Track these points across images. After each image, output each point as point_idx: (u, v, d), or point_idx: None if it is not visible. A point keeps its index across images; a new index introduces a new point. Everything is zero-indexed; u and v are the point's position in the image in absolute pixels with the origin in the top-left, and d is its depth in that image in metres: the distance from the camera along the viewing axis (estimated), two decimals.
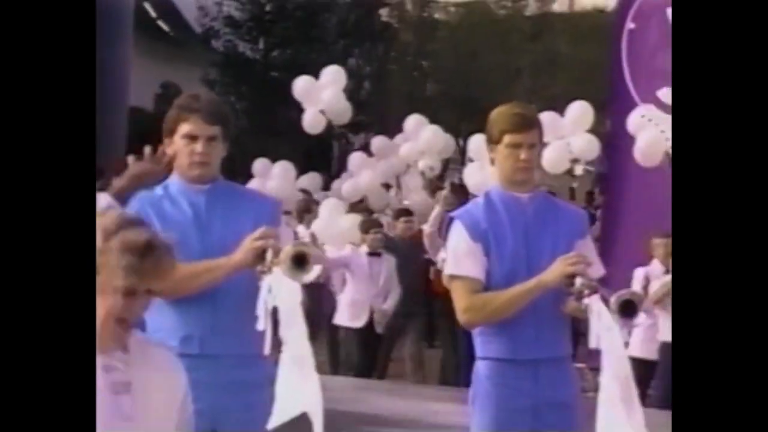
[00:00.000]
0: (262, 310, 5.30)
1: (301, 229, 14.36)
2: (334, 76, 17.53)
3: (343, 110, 17.59)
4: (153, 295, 3.86)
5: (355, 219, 15.46)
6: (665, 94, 11.96)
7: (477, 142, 15.37)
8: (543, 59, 37.47)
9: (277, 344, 5.37)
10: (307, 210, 15.37)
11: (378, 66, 35.82)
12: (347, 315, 13.68)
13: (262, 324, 5.30)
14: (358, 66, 34.60)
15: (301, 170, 18.50)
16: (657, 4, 12.26)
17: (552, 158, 14.16)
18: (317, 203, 15.88)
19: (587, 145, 14.18)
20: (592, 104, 14.95)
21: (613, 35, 14.44)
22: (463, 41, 38.07)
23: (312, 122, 17.38)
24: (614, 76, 14.38)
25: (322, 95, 17.24)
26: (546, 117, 13.11)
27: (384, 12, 37.06)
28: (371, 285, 13.53)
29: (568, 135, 13.73)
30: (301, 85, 17.37)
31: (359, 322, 13.54)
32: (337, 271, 14.25)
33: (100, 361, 3.79)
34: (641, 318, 5.45)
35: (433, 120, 18.33)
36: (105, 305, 3.77)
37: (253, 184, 16.02)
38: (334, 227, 15.21)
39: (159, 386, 3.93)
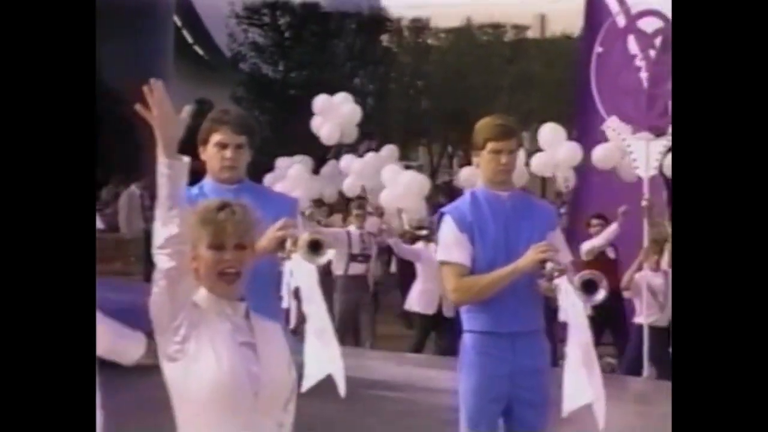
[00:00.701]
0: (285, 291, 5.35)
1: (353, 229, 14.21)
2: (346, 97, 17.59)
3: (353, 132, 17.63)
4: (246, 251, 3.90)
5: (414, 175, 15.41)
6: (630, 107, 12.01)
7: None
8: (519, 79, 37.46)
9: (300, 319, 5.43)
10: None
11: (380, 85, 35.80)
12: (418, 302, 13.61)
13: (287, 302, 5.35)
14: (363, 85, 34.60)
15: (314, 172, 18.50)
16: (621, 31, 12.29)
17: (603, 155, 14.03)
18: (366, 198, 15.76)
19: (630, 174, 14.04)
20: (559, 117, 14.96)
21: (582, 57, 14.42)
22: (452, 64, 38.08)
23: (329, 134, 17.40)
24: (582, 93, 14.36)
25: (340, 110, 17.26)
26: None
27: (385, 38, 37.04)
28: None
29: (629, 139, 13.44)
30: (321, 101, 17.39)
31: (431, 309, 13.44)
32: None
33: (228, 323, 3.88)
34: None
35: (425, 130, 18.35)
36: (202, 262, 3.86)
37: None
38: (396, 186, 15.21)
39: (273, 351, 3.97)
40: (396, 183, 15.58)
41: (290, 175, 16.70)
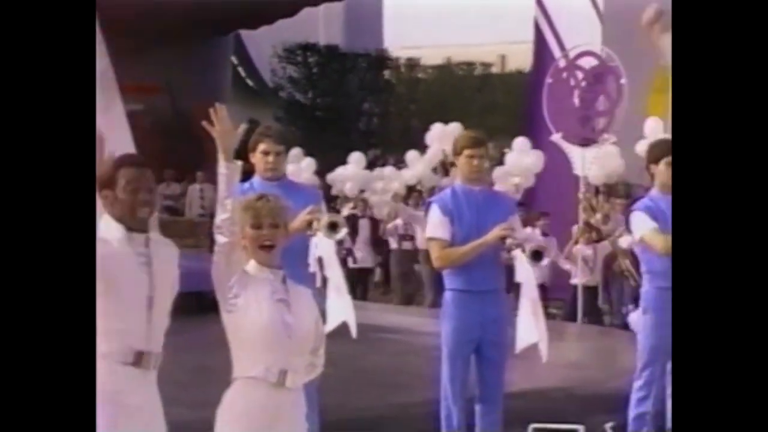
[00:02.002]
0: (312, 259, 5.36)
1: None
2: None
3: None
4: (278, 229, 3.91)
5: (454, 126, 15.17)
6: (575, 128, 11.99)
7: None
8: (486, 103, 37.34)
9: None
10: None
11: (382, 108, 35.66)
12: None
13: (313, 267, 5.37)
14: (370, 108, 34.58)
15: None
16: (565, 67, 12.29)
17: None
18: None
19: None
20: (515, 132, 14.93)
21: (535, 87, 14.43)
22: (436, 92, 37.96)
23: (431, 158, 16.88)
24: (532, 114, 14.36)
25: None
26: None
27: (386, 73, 36.89)
28: None
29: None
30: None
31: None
32: None
33: (269, 285, 3.87)
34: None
35: (416, 142, 18.27)
36: (247, 239, 3.86)
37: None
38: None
39: (303, 307, 3.97)
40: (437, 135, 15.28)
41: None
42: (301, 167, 17.11)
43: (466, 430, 5.77)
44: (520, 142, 14.90)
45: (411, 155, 17.47)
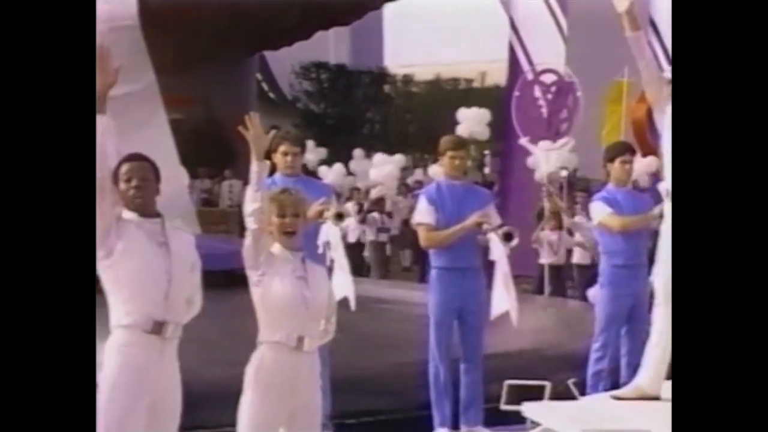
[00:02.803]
0: (321, 243, 5.39)
1: None
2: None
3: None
4: (299, 218, 3.93)
5: (475, 111, 14.22)
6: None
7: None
8: None
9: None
10: None
11: (383, 117, 35.69)
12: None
13: (321, 249, 5.39)
14: (373, 117, 34.59)
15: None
16: (531, 81, 12.31)
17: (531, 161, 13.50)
18: None
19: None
20: (492, 138, 14.83)
21: (507, 99, 14.38)
22: (427, 103, 37.92)
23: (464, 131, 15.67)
24: (506, 121, 14.31)
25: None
26: None
27: (386, 87, 36.92)
28: None
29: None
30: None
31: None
32: None
33: (290, 264, 3.89)
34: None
35: (410, 144, 18.21)
36: (273, 226, 3.88)
37: None
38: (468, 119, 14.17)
39: (319, 283, 3.99)
40: (466, 116, 14.38)
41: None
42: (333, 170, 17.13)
43: (451, 385, 5.81)
44: (543, 145, 14.15)
45: (432, 168, 17.30)
